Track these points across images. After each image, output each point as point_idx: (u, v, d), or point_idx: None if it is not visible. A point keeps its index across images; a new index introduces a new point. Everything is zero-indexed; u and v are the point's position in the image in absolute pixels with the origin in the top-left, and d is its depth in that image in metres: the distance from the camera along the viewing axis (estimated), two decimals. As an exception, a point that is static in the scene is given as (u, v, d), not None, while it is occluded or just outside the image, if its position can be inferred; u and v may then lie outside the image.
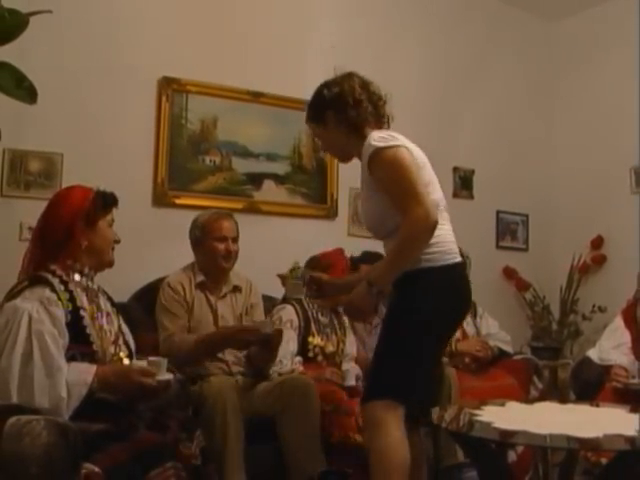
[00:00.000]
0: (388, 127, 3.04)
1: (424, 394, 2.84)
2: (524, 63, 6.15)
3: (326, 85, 3.02)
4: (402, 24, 5.48)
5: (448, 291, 2.82)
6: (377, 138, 2.82)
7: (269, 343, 3.58)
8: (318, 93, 3.04)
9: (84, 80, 4.23)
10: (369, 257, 4.41)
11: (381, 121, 3.01)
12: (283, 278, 3.90)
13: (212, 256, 3.78)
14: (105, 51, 4.28)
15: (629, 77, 5.68)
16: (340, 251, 4.21)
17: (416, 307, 2.77)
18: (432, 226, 2.67)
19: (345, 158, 3.13)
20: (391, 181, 2.75)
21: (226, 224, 3.81)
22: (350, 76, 3.01)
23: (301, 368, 3.93)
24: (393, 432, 2.73)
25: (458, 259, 2.88)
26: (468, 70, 5.79)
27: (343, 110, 2.93)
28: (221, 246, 3.76)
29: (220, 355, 3.69)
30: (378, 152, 2.77)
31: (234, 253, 3.81)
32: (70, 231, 2.76)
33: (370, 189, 2.89)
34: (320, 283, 3.30)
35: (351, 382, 3.90)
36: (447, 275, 2.82)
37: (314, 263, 4.07)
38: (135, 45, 4.38)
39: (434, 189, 2.85)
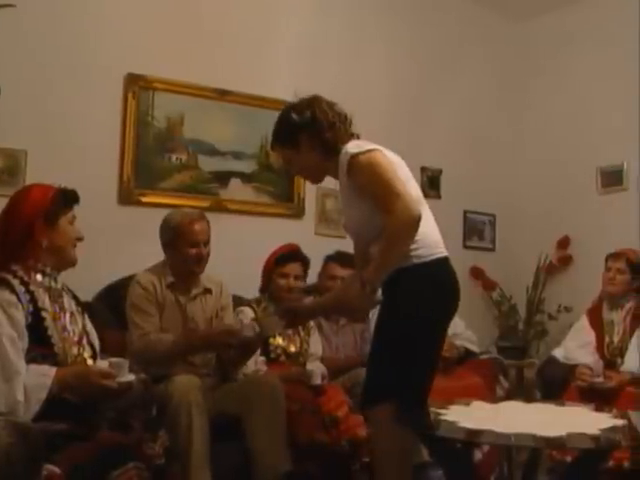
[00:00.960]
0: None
1: (426, 393, 2.87)
2: (492, 63, 6.17)
3: (294, 109, 3.02)
4: (370, 23, 5.47)
5: (437, 286, 2.84)
6: (352, 146, 2.86)
7: (249, 347, 3.58)
8: (286, 118, 3.02)
9: (49, 76, 4.18)
10: (341, 256, 4.45)
11: (351, 139, 3.00)
12: (257, 320, 3.89)
13: (183, 260, 3.71)
14: (71, 47, 4.23)
15: (596, 78, 5.74)
16: (277, 249, 4.21)
17: (407, 306, 2.79)
18: (416, 219, 2.70)
19: (318, 179, 3.15)
20: (370, 183, 2.78)
21: (198, 227, 3.71)
22: (317, 99, 3.03)
23: (265, 368, 3.92)
24: (401, 434, 2.74)
25: (444, 253, 2.91)
26: (436, 69, 5.80)
27: (318, 133, 2.95)
28: (193, 251, 3.69)
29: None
30: (354, 158, 2.81)
31: (205, 257, 3.74)
32: (30, 230, 2.73)
33: (351, 197, 2.90)
34: (295, 312, 3.29)
35: (317, 381, 3.88)
36: (435, 270, 2.85)
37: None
38: (101, 41, 4.33)
39: (412, 187, 2.88)
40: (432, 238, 2.88)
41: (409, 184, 2.86)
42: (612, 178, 5.64)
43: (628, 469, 3.66)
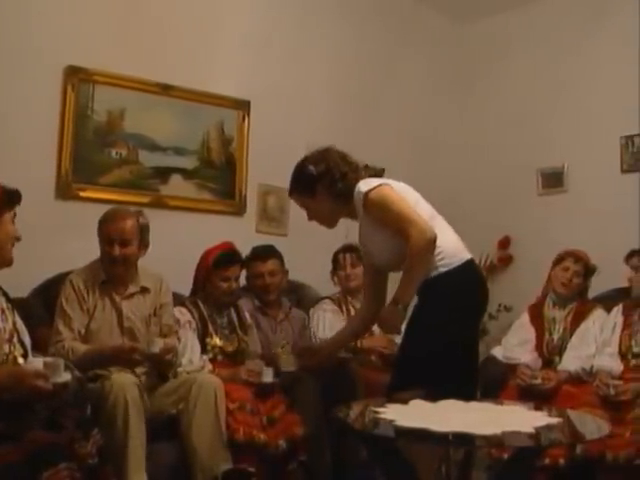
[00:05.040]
0: None
1: (456, 393, 2.90)
2: (436, 64, 6.20)
3: (310, 161, 3.32)
4: (316, 23, 5.46)
5: (465, 289, 3.17)
6: (362, 185, 3.20)
7: (157, 362, 3.58)
8: (304, 169, 3.32)
9: (-16, 66, 4.08)
10: (258, 252, 4.47)
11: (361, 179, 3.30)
12: (276, 355, 4.00)
13: (104, 259, 3.70)
14: (8, 36, 4.12)
15: (538, 80, 5.81)
16: (213, 249, 4.18)
17: (433, 312, 3.11)
18: (431, 240, 3.04)
19: (332, 223, 3.42)
20: (385, 215, 3.13)
21: (114, 226, 3.66)
22: (330, 151, 3.33)
23: (210, 366, 3.90)
24: None
25: (468, 256, 3.23)
26: (381, 70, 5.81)
27: (332, 184, 3.26)
28: (107, 249, 3.66)
29: None
30: (366, 196, 3.15)
31: (121, 257, 3.65)
32: None
33: (375, 229, 3.22)
34: (312, 352, 3.74)
35: (268, 379, 3.86)
36: (461, 275, 3.17)
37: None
38: (40, 31, 4.22)
39: (421, 209, 3.21)
40: (452, 247, 3.19)
41: (419, 206, 3.20)
42: (552, 180, 5.71)
43: (563, 466, 3.71)
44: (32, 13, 4.22)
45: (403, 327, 3.23)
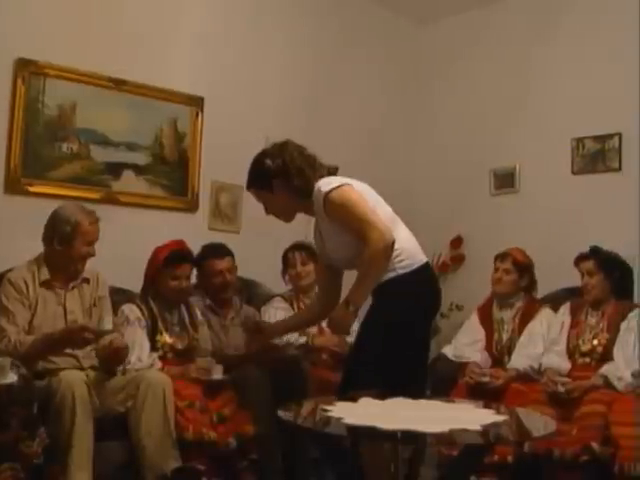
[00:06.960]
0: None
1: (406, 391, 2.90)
2: (393, 64, 6.21)
3: (267, 155, 3.31)
4: (270, 19, 5.44)
5: (420, 291, 3.20)
6: (323, 184, 3.18)
7: (109, 351, 3.55)
8: (260, 163, 3.31)
9: None
10: (214, 250, 4.41)
11: (320, 176, 3.27)
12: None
13: (74, 257, 3.68)
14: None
15: (490, 82, 5.87)
16: (163, 248, 4.13)
17: (394, 310, 3.09)
18: (389, 245, 3.03)
19: (289, 218, 3.42)
20: (345, 217, 3.11)
21: (94, 228, 3.72)
22: (288, 145, 3.31)
23: (159, 364, 3.86)
24: None
25: (425, 259, 3.25)
26: (336, 70, 5.81)
27: (289, 179, 3.24)
28: (86, 249, 3.68)
29: (69, 349, 3.56)
30: (327, 196, 3.13)
31: (93, 255, 3.75)
32: None
33: (335, 229, 3.20)
34: (260, 329, 3.70)
35: (217, 375, 3.85)
36: (418, 277, 3.17)
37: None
38: (-10, 23, 4.16)
39: (381, 210, 3.21)
40: (411, 249, 3.21)
41: (379, 208, 3.20)
42: (504, 180, 5.78)
43: (512, 463, 3.76)
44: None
45: (355, 327, 3.24)
